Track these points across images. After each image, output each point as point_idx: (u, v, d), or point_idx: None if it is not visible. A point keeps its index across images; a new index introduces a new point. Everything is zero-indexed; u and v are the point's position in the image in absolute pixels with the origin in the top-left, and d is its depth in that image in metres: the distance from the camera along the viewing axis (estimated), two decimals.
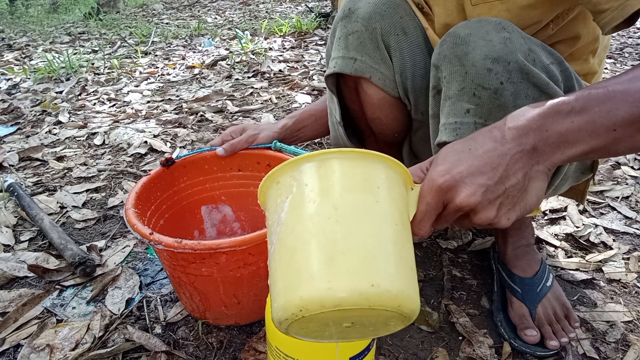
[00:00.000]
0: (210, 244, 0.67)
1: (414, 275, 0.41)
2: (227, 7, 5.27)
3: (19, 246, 1.09)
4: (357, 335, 0.45)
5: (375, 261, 0.38)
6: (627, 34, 3.08)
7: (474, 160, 0.46)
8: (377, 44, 0.78)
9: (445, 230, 1.10)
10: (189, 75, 2.51)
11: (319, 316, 0.38)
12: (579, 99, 0.47)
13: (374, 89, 0.81)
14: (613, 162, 1.40)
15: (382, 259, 0.39)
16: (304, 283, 0.38)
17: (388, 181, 0.43)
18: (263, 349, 0.78)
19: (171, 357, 0.77)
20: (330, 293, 0.36)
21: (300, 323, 0.39)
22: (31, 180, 1.41)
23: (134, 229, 0.72)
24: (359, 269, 0.37)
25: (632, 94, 0.45)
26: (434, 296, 0.91)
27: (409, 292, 0.39)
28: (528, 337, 0.77)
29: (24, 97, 2.23)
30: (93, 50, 3.29)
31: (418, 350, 0.79)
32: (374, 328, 0.43)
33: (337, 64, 0.80)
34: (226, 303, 0.79)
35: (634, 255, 1.00)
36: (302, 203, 0.41)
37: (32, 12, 6.24)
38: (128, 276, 0.97)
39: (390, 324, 0.42)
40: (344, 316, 0.39)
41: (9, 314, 0.86)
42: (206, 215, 1.00)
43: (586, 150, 0.47)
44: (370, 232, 0.39)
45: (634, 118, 0.45)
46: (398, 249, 0.40)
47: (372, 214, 0.40)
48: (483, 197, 0.45)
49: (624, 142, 0.46)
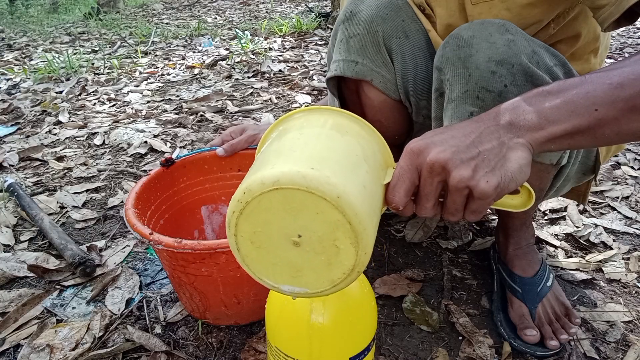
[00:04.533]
0: (210, 244, 0.67)
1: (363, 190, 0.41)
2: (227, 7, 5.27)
3: (19, 246, 1.09)
4: (310, 281, 0.44)
5: (323, 159, 0.41)
6: (627, 33, 3.08)
7: (448, 131, 0.47)
8: (378, 47, 0.78)
9: (446, 230, 1.10)
10: (189, 75, 2.51)
11: (262, 210, 0.40)
12: (556, 85, 0.48)
13: (375, 92, 0.81)
14: (613, 162, 1.40)
15: (333, 160, 0.41)
16: (251, 174, 0.41)
17: (363, 140, 0.47)
18: (263, 349, 0.78)
19: (171, 357, 0.77)
20: (271, 171, 0.39)
21: (247, 221, 0.41)
22: (31, 180, 1.41)
23: (133, 229, 0.72)
24: (304, 159, 0.40)
25: (610, 78, 0.46)
26: (434, 296, 0.91)
27: (352, 190, 0.39)
28: (528, 337, 0.77)
29: (24, 97, 2.23)
30: (93, 50, 3.29)
31: (418, 350, 0.79)
32: (325, 258, 0.42)
33: (339, 67, 0.80)
34: (226, 303, 0.79)
35: (634, 255, 1.00)
36: (281, 136, 0.47)
37: (32, 12, 6.24)
38: (128, 276, 0.97)
39: (339, 247, 0.41)
40: (289, 222, 0.40)
41: (9, 314, 0.86)
42: (206, 215, 1.00)
43: (569, 130, 0.47)
44: (327, 146, 0.43)
45: (614, 99, 0.46)
46: (352, 166, 0.42)
47: (333, 140, 0.44)
48: (453, 155, 0.45)
49: (610, 125, 0.46)
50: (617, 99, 0.45)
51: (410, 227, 1.10)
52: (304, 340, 0.55)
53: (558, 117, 0.46)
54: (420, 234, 1.08)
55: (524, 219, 0.85)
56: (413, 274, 0.95)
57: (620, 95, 0.45)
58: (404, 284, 0.93)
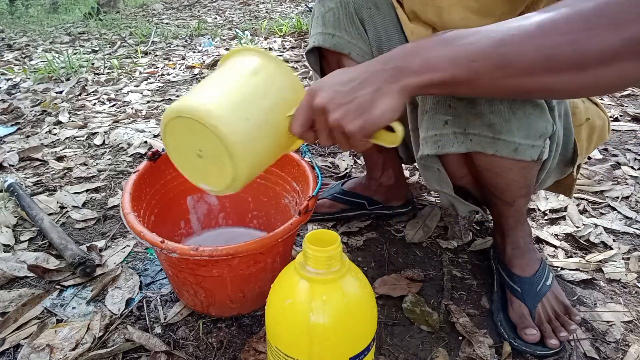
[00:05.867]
0: (228, 249, 0.67)
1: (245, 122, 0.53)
2: (227, 7, 5.27)
3: (19, 246, 1.09)
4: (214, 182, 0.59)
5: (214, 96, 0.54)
6: None
7: (343, 74, 0.55)
8: (351, 18, 0.83)
9: (446, 230, 1.10)
10: (189, 75, 2.51)
11: (175, 130, 0.57)
12: (454, 33, 0.50)
13: None
14: (613, 162, 1.40)
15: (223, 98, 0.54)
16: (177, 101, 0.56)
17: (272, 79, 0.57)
18: (263, 349, 0.78)
19: (171, 357, 0.78)
20: (178, 103, 0.55)
21: (170, 136, 0.58)
22: (31, 180, 1.41)
23: (140, 236, 0.70)
24: (201, 95, 0.55)
25: (496, 31, 0.48)
26: (434, 296, 0.91)
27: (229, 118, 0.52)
28: (528, 337, 0.77)
29: (24, 97, 2.23)
30: (93, 50, 3.29)
31: (418, 350, 0.79)
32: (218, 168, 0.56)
33: (316, 39, 0.85)
34: (232, 298, 0.80)
35: (634, 255, 1.00)
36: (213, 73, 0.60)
37: (32, 12, 6.24)
38: (128, 276, 0.97)
39: (224, 160, 0.54)
40: (192, 140, 0.56)
41: (9, 314, 0.86)
42: (191, 205, 1.01)
43: (446, 79, 0.49)
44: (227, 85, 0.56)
45: (492, 52, 0.47)
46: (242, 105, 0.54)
47: (239, 82, 0.56)
48: (330, 100, 0.53)
49: (485, 79, 0.48)
50: (494, 53, 0.47)
51: (410, 227, 1.10)
52: (304, 340, 0.55)
53: (439, 64, 0.49)
54: (420, 234, 1.08)
55: (518, 217, 0.85)
56: (413, 274, 0.95)
57: (497, 50, 0.47)
58: (404, 284, 0.93)
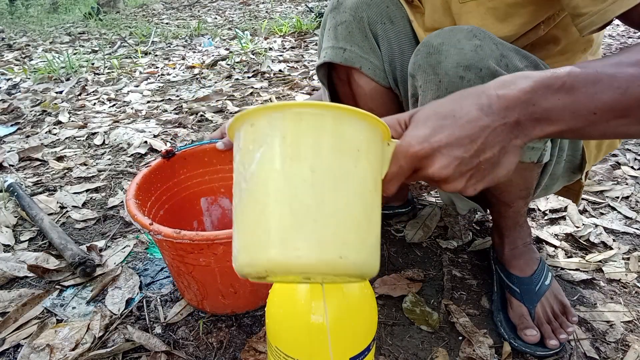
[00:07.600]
0: (208, 235, 0.69)
1: (377, 241, 0.43)
2: (227, 7, 5.27)
3: (19, 246, 1.09)
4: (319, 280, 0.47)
5: (345, 232, 0.39)
6: (627, 33, 3.08)
7: (455, 130, 0.45)
8: (365, 33, 0.80)
9: (446, 230, 1.10)
10: (189, 75, 2.51)
11: None
12: (571, 75, 0.46)
13: (365, 79, 0.82)
14: (613, 162, 1.40)
15: (353, 229, 0.39)
16: (272, 246, 0.37)
17: (368, 143, 0.42)
18: (263, 349, 0.78)
19: (171, 357, 0.78)
20: (299, 262, 0.37)
21: None
22: (31, 180, 1.41)
23: (134, 219, 0.73)
24: (329, 240, 0.38)
25: (617, 79, 0.45)
26: (434, 296, 0.91)
27: (372, 261, 0.42)
28: (528, 337, 0.77)
29: (24, 97, 2.23)
30: (93, 50, 3.29)
31: (418, 350, 0.79)
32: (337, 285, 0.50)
33: (327, 54, 0.82)
34: (223, 292, 0.81)
35: (634, 255, 1.00)
36: (278, 157, 0.38)
37: (32, 12, 6.24)
38: (128, 276, 0.97)
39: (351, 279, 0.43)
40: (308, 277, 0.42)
41: (9, 314, 0.86)
42: (205, 207, 1.01)
43: (563, 130, 0.47)
44: (344, 200, 0.39)
45: (615, 104, 0.45)
46: (368, 217, 0.41)
47: (348, 180, 0.39)
48: (455, 170, 0.45)
49: (599, 126, 0.46)
50: (617, 105, 0.45)
51: (410, 227, 1.10)
52: (304, 340, 0.55)
53: (560, 117, 0.46)
54: (420, 234, 1.08)
55: (517, 219, 0.85)
56: (413, 274, 0.95)
57: (622, 102, 0.45)
58: (404, 284, 0.93)
